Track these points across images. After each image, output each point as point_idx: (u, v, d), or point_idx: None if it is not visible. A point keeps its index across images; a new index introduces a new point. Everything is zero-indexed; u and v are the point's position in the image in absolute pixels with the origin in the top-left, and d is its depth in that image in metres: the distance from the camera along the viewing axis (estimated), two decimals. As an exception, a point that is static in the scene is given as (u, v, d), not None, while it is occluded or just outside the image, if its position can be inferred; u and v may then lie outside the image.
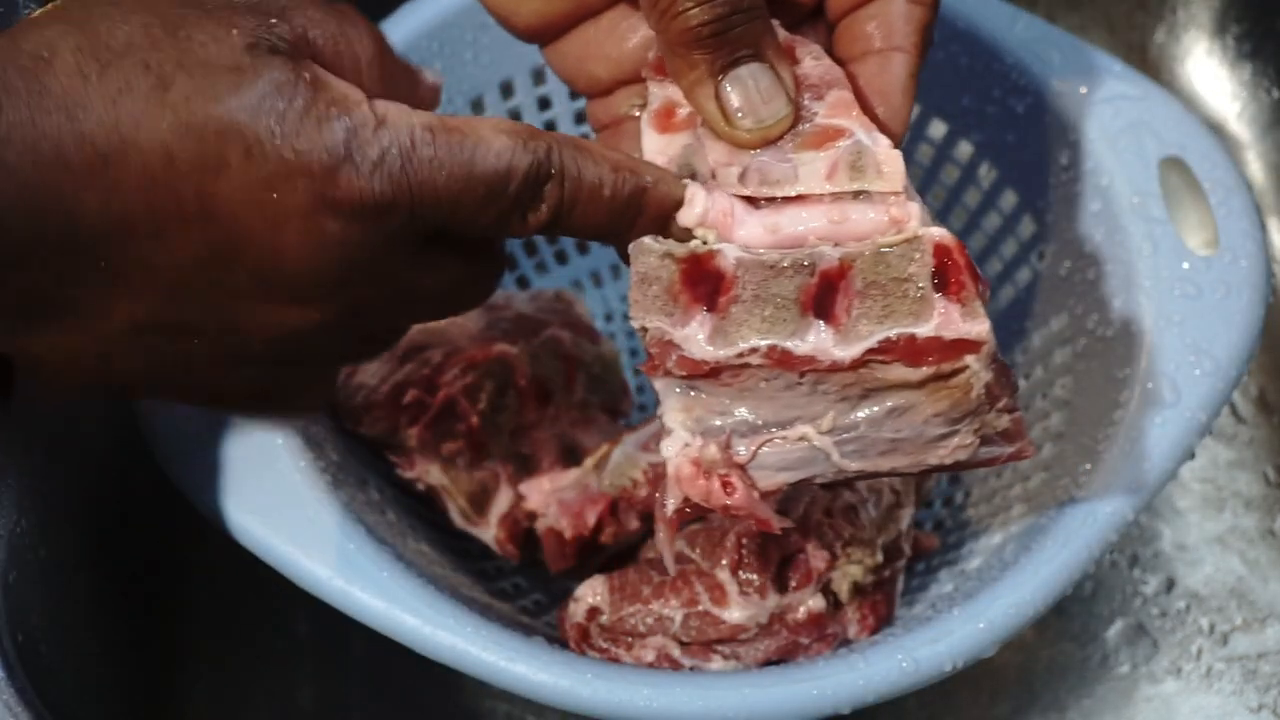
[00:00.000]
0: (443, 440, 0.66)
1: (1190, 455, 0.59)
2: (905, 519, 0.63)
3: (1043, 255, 0.68)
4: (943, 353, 0.44)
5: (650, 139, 0.48)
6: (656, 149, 0.47)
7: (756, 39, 0.45)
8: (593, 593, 0.60)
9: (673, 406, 0.46)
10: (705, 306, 0.44)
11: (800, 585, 0.59)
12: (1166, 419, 0.58)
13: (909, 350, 0.44)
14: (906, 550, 0.63)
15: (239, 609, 0.73)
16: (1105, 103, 0.65)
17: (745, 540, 0.59)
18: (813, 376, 0.44)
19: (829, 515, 0.61)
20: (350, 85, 0.42)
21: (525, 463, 0.68)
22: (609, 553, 0.66)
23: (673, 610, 0.59)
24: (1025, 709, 0.72)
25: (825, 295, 0.44)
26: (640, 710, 0.53)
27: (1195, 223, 0.64)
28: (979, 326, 0.43)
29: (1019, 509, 0.62)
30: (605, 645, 0.60)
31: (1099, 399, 0.61)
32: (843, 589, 0.60)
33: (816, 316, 0.44)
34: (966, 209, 0.73)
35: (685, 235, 0.45)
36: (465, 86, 0.72)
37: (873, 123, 0.46)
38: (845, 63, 0.49)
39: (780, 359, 0.44)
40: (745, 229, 0.44)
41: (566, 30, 0.50)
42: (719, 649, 0.59)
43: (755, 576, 0.59)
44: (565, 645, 0.60)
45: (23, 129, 0.38)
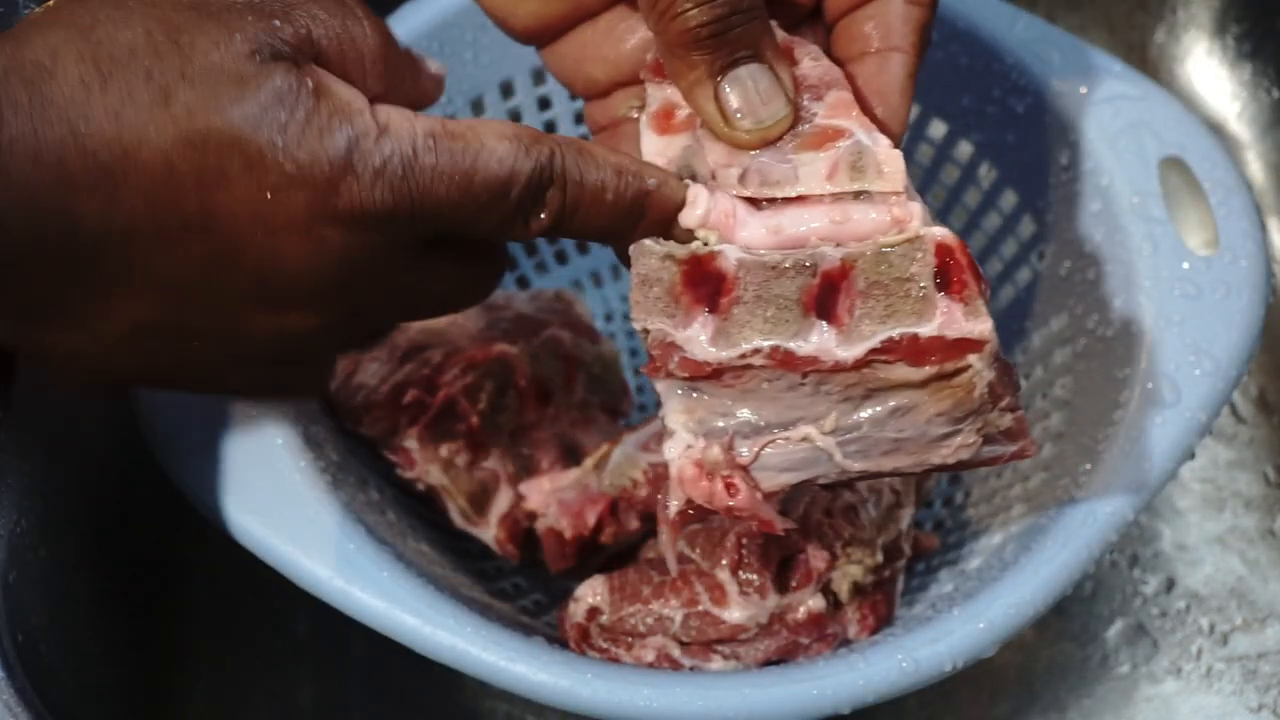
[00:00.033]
0: (443, 440, 0.66)
1: (1190, 455, 0.59)
2: (905, 519, 0.63)
3: (1043, 255, 0.68)
4: (945, 352, 0.44)
5: (649, 141, 0.48)
6: (655, 151, 0.47)
7: (755, 40, 0.45)
8: (593, 593, 0.60)
9: (675, 408, 0.46)
10: (707, 308, 0.44)
11: (800, 585, 0.59)
12: (1166, 419, 0.58)
13: (912, 350, 0.44)
14: (906, 550, 0.63)
15: (239, 609, 0.73)
16: (1105, 103, 0.65)
17: (745, 540, 0.59)
18: (815, 377, 0.44)
19: (829, 515, 0.61)
20: (353, 91, 0.42)
21: (525, 463, 0.68)
22: (609, 553, 0.66)
23: (673, 610, 0.59)
24: (1025, 709, 0.72)
25: (827, 296, 0.44)
26: (640, 710, 0.52)
27: (1195, 223, 0.64)
28: (982, 326, 0.43)
29: (1019, 509, 0.62)
30: (605, 645, 0.60)
31: (1099, 399, 0.61)
32: (843, 589, 0.60)
33: (819, 317, 0.44)
34: (966, 209, 0.73)
35: (687, 237, 0.45)
36: (465, 86, 0.72)
37: (872, 123, 0.46)
38: (843, 63, 0.49)
39: (783, 360, 0.44)
40: (747, 230, 0.44)
41: (564, 32, 0.50)
42: (719, 649, 0.59)
43: (755, 576, 0.59)
44: (565, 645, 0.60)
45: (25, 141, 0.38)
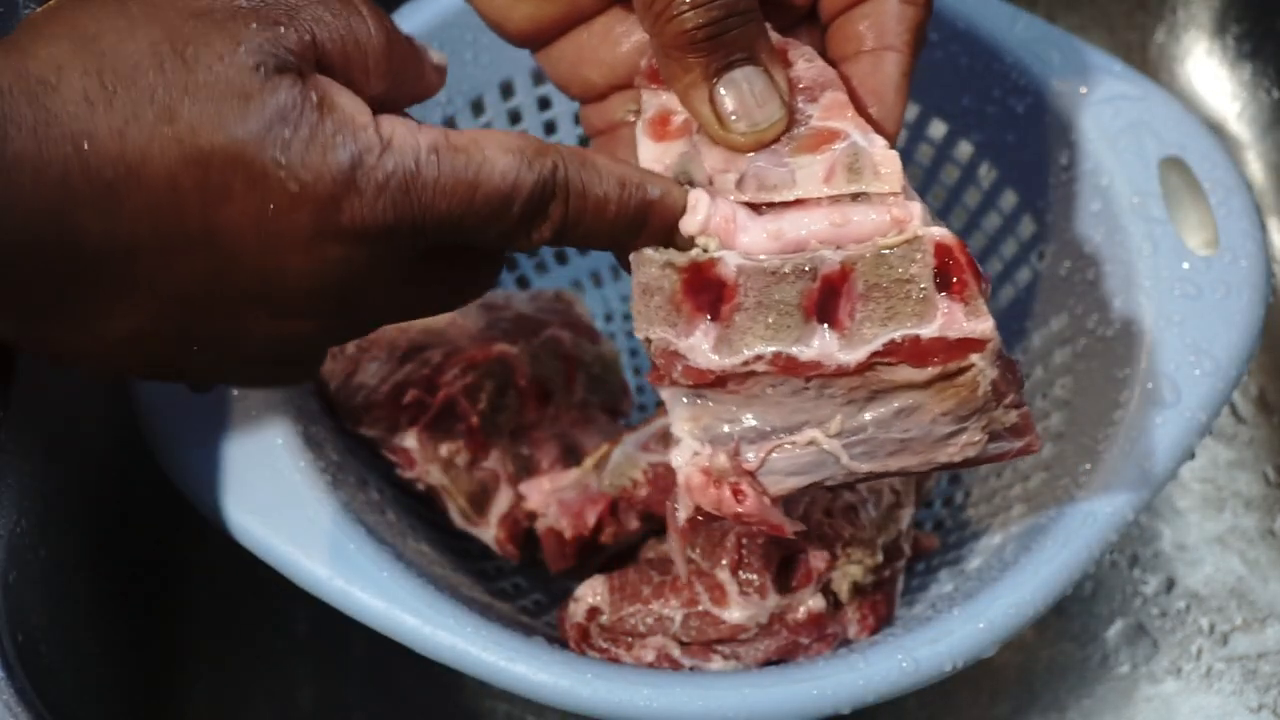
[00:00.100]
0: (443, 440, 0.66)
1: (1190, 455, 0.59)
2: (905, 519, 0.63)
3: (1043, 255, 0.68)
4: (948, 352, 0.43)
5: (646, 148, 0.47)
6: (652, 158, 0.47)
7: (751, 42, 0.45)
8: (593, 593, 0.60)
9: (680, 416, 0.46)
10: (709, 315, 0.44)
11: (800, 585, 0.59)
12: (1166, 419, 0.58)
13: (914, 351, 0.44)
14: (906, 550, 0.63)
15: (239, 609, 0.73)
16: (1105, 103, 0.65)
17: (745, 540, 0.59)
18: (819, 381, 0.44)
19: (829, 515, 0.61)
20: (357, 102, 0.42)
21: (525, 463, 0.68)
22: (609, 553, 0.66)
23: (673, 610, 0.59)
24: (1025, 709, 0.72)
25: (828, 300, 0.44)
26: (640, 710, 0.53)
27: (1195, 223, 0.64)
28: (983, 325, 0.43)
29: (1019, 509, 0.62)
30: (605, 645, 0.60)
31: (1099, 399, 0.61)
32: (843, 589, 0.60)
33: (820, 321, 0.44)
34: (966, 209, 0.73)
35: (688, 243, 0.45)
36: (465, 87, 0.72)
37: (867, 122, 0.46)
38: (838, 62, 0.49)
39: (786, 365, 0.44)
40: (748, 235, 0.44)
41: (559, 35, 0.50)
42: (719, 649, 0.59)
43: (755, 576, 0.59)
44: (565, 645, 0.60)
45: (29, 157, 0.38)
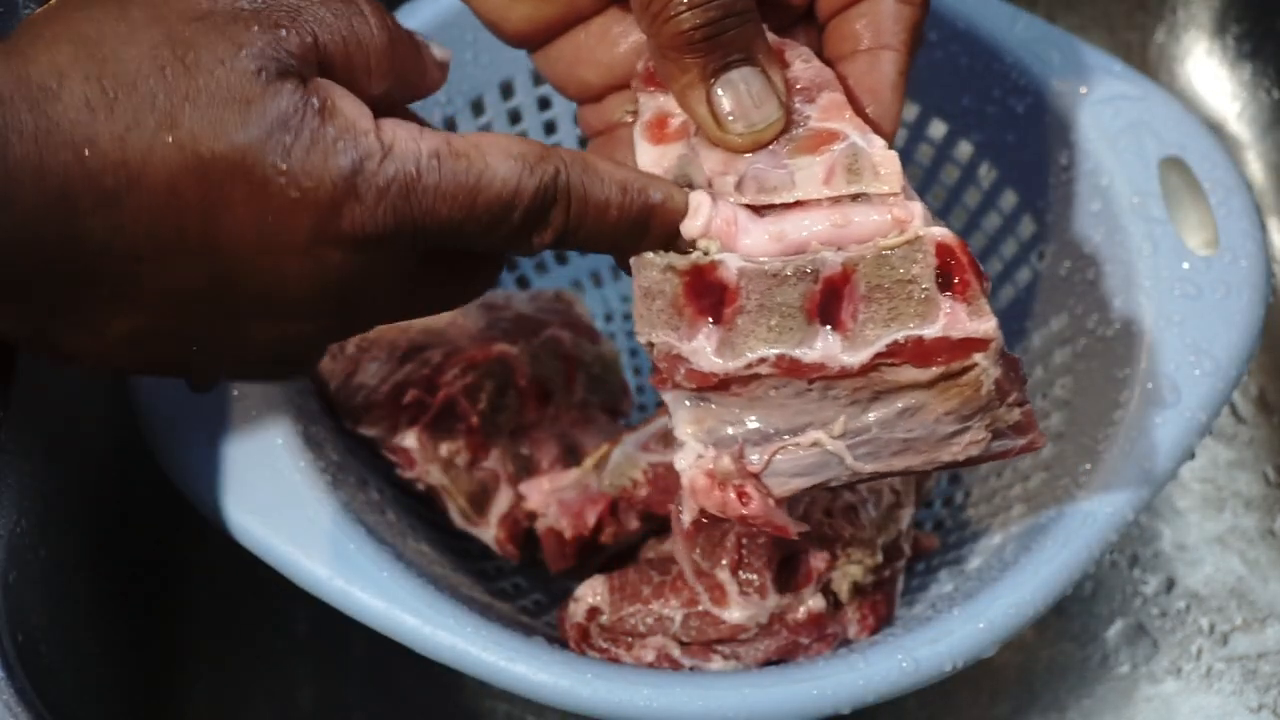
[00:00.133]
0: (443, 440, 0.66)
1: (1190, 455, 0.59)
2: (905, 519, 0.63)
3: (1043, 255, 0.68)
4: (951, 352, 0.43)
5: (644, 151, 0.47)
6: (650, 161, 0.47)
7: (748, 42, 0.45)
8: (593, 593, 0.60)
9: (683, 419, 0.46)
10: (711, 318, 0.44)
11: (800, 585, 0.59)
12: (1166, 419, 0.58)
13: (917, 352, 0.44)
14: (906, 550, 0.63)
15: (239, 609, 0.73)
16: (1105, 103, 0.65)
17: (745, 540, 0.59)
18: (822, 383, 0.44)
19: (829, 515, 0.61)
20: (359, 107, 0.42)
21: (525, 463, 0.68)
22: (609, 553, 0.66)
23: (673, 610, 0.59)
24: (1025, 709, 0.72)
25: (830, 301, 0.44)
26: (640, 710, 0.52)
27: (1195, 223, 0.64)
28: (986, 324, 0.43)
29: (1019, 509, 0.62)
30: (605, 645, 0.60)
31: (1099, 399, 0.61)
32: (843, 589, 0.60)
33: (823, 323, 0.44)
34: (966, 209, 0.73)
35: (688, 245, 0.45)
36: (465, 86, 0.72)
37: (865, 123, 0.46)
38: (835, 62, 0.48)
39: (789, 368, 0.44)
40: (749, 237, 0.44)
41: (556, 35, 0.50)
42: (719, 649, 0.59)
43: (755, 576, 0.59)
44: (565, 645, 0.60)
45: (30, 164, 0.38)
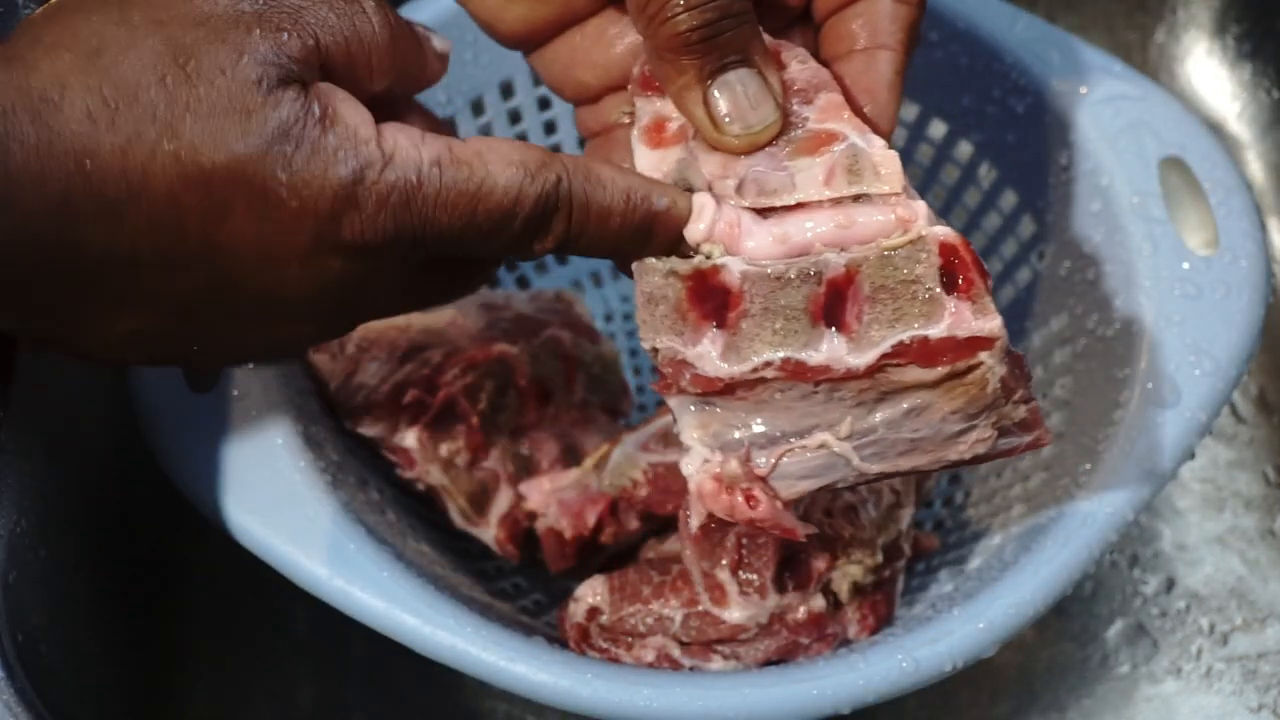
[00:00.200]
0: (443, 440, 0.66)
1: (1190, 455, 0.59)
2: (905, 519, 0.63)
3: (1043, 255, 0.68)
4: (957, 352, 0.43)
5: (642, 156, 0.47)
6: (649, 165, 0.47)
7: (745, 44, 0.45)
8: (593, 593, 0.60)
9: (689, 424, 0.46)
10: (715, 323, 0.44)
11: (800, 585, 0.59)
12: (1166, 419, 0.58)
13: (923, 352, 0.43)
14: (906, 550, 0.63)
15: (239, 609, 0.73)
16: (1105, 103, 0.65)
17: (745, 540, 0.59)
18: (828, 385, 0.44)
19: (829, 515, 0.61)
20: (361, 113, 0.42)
21: (525, 463, 0.68)
22: (609, 553, 0.66)
23: (673, 610, 0.59)
24: (1025, 709, 0.72)
25: (834, 303, 0.44)
26: (640, 710, 0.52)
27: (1195, 223, 0.64)
28: (991, 323, 0.43)
29: (1019, 509, 0.62)
30: (605, 645, 0.60)
31: (1099, 399, 0.61)
32: (843, 589, 0.60)
33: (828, 325, 0.44)
34: (966, 209, 0.73)
35: (691, 249, 0.45)
36: (465, 87, 0.72)
37: (863, 123, 0.46)
38: (831, 61, 0.48)
39: (794, 371, 0.44)
40: (753, 240, 0.44)
41: (552, 37, 0.49)
42: (719, 649, 0.59)
43: (755, 576, 0.59)
44: (565, 645, 0.60)
45: (31, 175, 0.38)
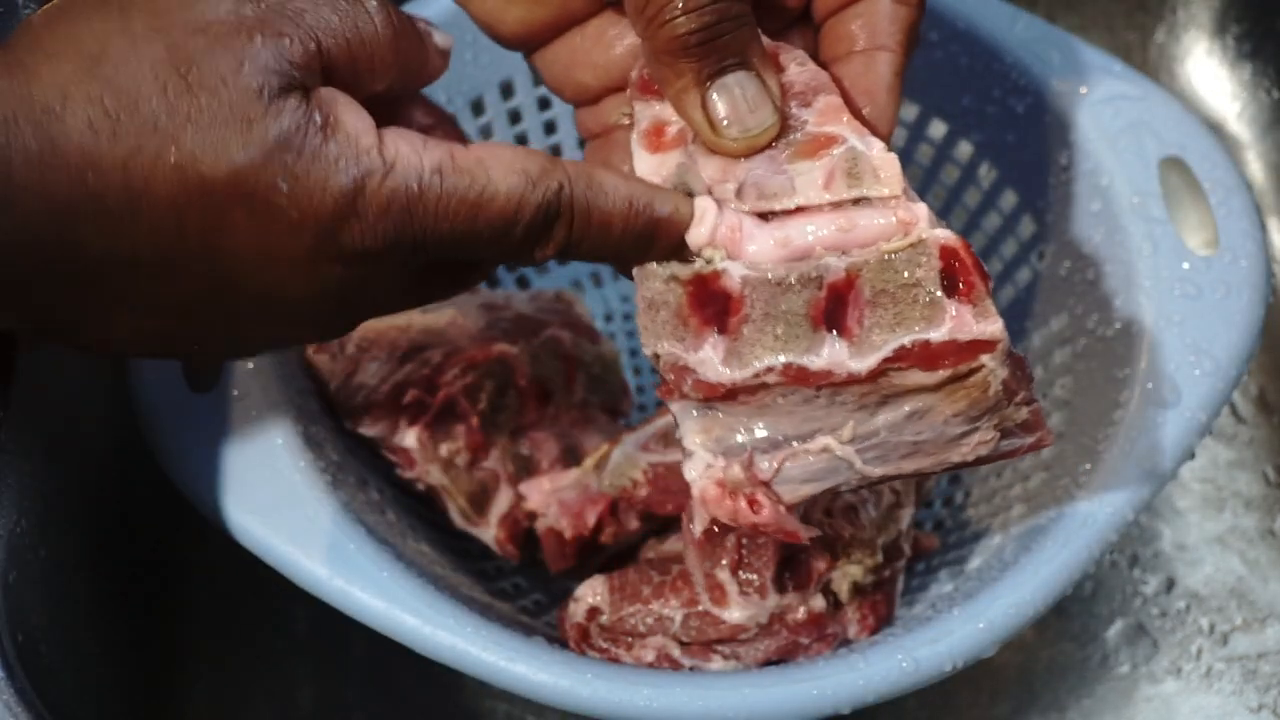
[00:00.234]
0: (443, 440, 0.66)
1: (1190, 455, 0.59)
2: (905, 519, 0.63)
3: (1043, 255, 0.68)
4: (958, 355, 0.43)
5: (641, 160, 0.47)
6: (649, 170, 0.47)
7: (743, 47, 0.45)
8: (593, 593, 0.60)
9: (691, 429, 0.45)
10: (716, 328, 0.44)
11: (800, 585, 0.59)
12: (1166, 419, 0.58)
13: (924, 356, 0.43)
14: (906, 550, 0.63)
15: (239, 609, 0.73)
16: (1105, 103, 0.65)
17: (745, 540, 0.59)
18: (830, 389, 0.44)
19: (829, 515, 0.61)
20: (362, 119, 0.42)
21: (525, 463, 0.68)
22: (609, 553, 0.66)
23: (673, 610, 0.59)
24: (1025, 709, 0.72)
25: (835, 308, 0.44)
26: (640, 710, 0.52)
27: (1195, 223, 0.64)
28: (993, 326, 0.43)
29: (1019, 509, 0.62)
30: (605, 645, 0.60)
31: (1099, 399, 0.61)
32: (843, 589, 0.60)
33: (829, 330, 0.44)
34: (966, 209, 0.73)
35: (691, 253, 0.44)
36: (465, 87, 0.72)
37: (862, 125, 0.46)
38: (831, 63, 0.48)
39: (796, 376, 0.44)
40: (755, 244, 0.44)
41: (552, 38, 0.49)
42: (719, 649, 0.59)
43: (755, 576, 0.59)
44: (565, 645, 0.60)
45: (33, 185, 0.38)
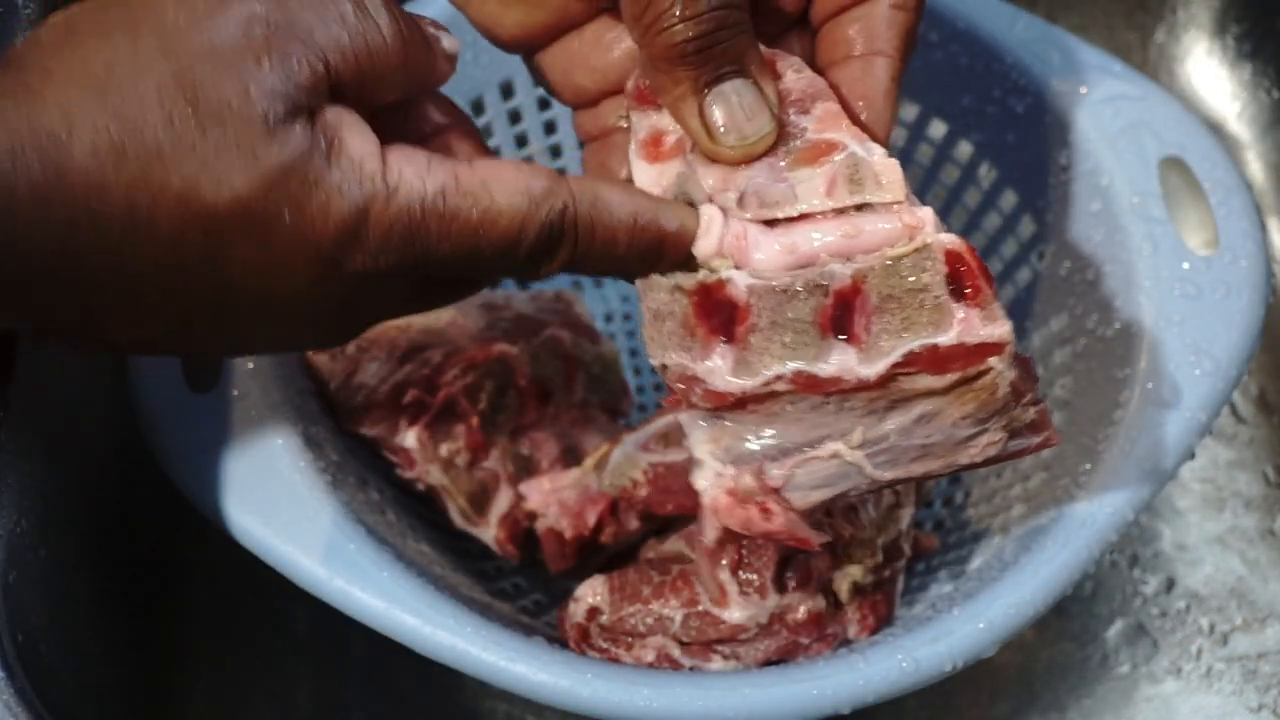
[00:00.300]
0: (443, 440, 0.66)
1: (1190, 455, 0.59)
2: (905, 519, 0.63)
3: (1043, 255, 0.68)
4: (967, 358, 0.43)
5: (641, 171, 0.47)
6: (649, 180, 0.46)
7: (740, 54, 0.45)
8: (593, 593, 0.60)
9: (700, 438, 0.45)
10: (723, 338, 0.44)
11: (800, 585, 0.59)
12: (1166, 419, 0.58)
13: (933, 360, 0.43)
14: (906, 550, 0.63)
15: (239, 609, 0.73)
16: (1105, 103, 0.65)
17: (745, 540, 0.59)
18: (839, 395, 0.44)
19: (829, 515, 0.61)
20: (367, 141, 0.41)
21: (525, 463, 0.68)
22: (609, 553, 0.66)
23: (673, 610, 0.59)
24: (1025, 709, 0.72)
25: (843, 315, 0.44)
26: (640, 710, 0.52)
27: (1195, 223, 0.64)
28: (1000, 329, 0.43)
29: (1019, 509, 0.62)
30: (605, 645, 0.60)
31: (1099, 399, 0.61)
32: (843, 589, 0.60)
33: (837, 337, 0.44)
34: (966, 209, 0.73)
35: (695, 263, 0.44)
36: (465, 87, 0.71)
37: (860, 130, 0.46)
38: (827, 67, 0.48)
39: (806, 383, 0.44)
40: (761, 252, 0.44)
41: (550, 41, 0.49)
42: (719, 649, 0.59)
43: (755, 576, 0.59)
44: (565, 645, 0.60)
45: (39, 214, 0.38)
